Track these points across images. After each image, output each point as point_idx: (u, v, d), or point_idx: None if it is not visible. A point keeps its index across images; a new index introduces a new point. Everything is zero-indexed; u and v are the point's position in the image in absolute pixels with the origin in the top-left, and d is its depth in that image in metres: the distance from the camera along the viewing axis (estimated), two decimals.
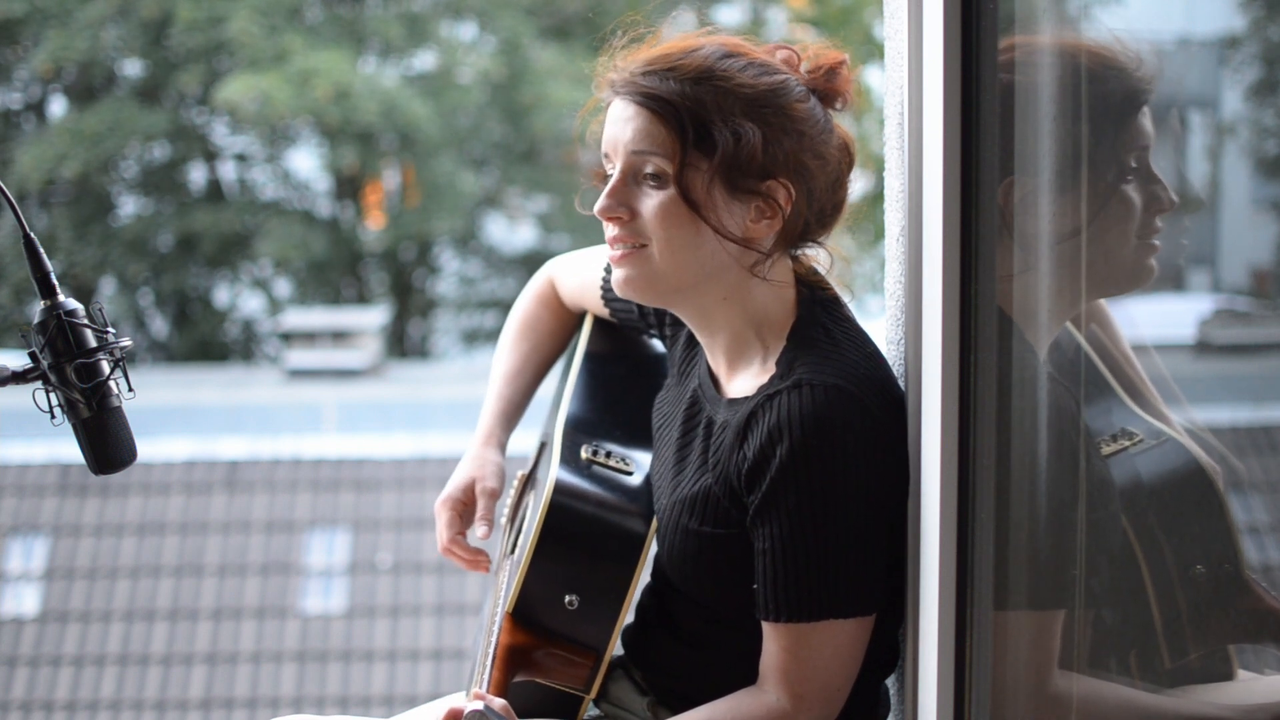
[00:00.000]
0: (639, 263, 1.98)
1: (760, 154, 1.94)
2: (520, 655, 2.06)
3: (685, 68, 1.96)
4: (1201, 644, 1.81)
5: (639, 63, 1.99)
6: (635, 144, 1.96)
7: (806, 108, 1.98)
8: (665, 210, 1.95)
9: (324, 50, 16.35)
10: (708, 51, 1.98)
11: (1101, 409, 1.88)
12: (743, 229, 1.96)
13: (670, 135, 1.94)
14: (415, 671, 10.02)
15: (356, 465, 11.03)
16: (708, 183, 1.94)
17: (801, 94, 1.99)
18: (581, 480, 2.11)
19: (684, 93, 1.95)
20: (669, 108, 1.94)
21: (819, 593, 1.92)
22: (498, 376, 2.37)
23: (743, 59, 1.98)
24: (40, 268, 1.89)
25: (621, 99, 1.98)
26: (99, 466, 1.90)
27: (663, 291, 2.00)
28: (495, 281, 18.96)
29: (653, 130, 1.95)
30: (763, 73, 1.98)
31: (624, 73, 1.99)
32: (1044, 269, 1.84)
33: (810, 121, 1.98)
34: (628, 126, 1.97)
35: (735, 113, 1.94)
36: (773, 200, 1.96)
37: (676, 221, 1.95)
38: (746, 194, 1.95)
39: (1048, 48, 1.85)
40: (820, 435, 1.89)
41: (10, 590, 10.40)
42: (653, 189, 1.96)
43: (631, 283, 1.99)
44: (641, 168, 1.96)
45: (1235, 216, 1.82)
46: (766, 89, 1.96)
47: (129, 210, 18.36)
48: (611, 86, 2.00)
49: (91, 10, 16.67)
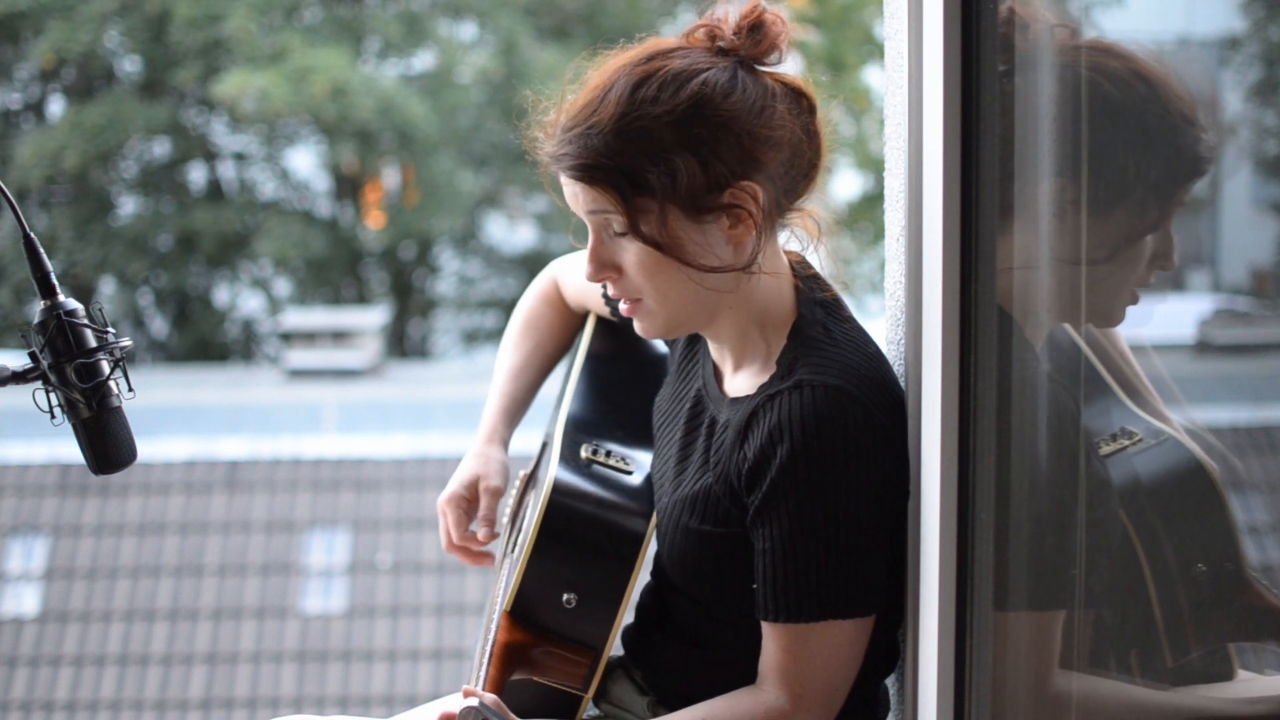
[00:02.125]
0: (645, 315, 2.00)
1: (702, 176, 1.92)
2: (518, 654, 2.06)
3: (602, 121, 1.93)
4: (1203, 643, 1.81)
5: (559, 129, 1.97)
6: (588, 207, 1.97)
7: (735, 100, 1.93)
8: (642, 263, 1.95)
9: (322, 48, 16.34)
10: (618, 91, 1.93)
11: (1100, 408, 1.88)
12: (723, 243, 1.95)
13: (609, 193, 1.94)
14: (415, 671, 10.02)
15: (356, 465, 11.03)
16: (664, 221, 1.93)
17: (725, 86, 1.93)
18: (581, 479, 2.11)
19: (608, 148, 1.92)
20: (597, 172, 1.93)
21: (819, 593, 1.92)
22: (501, 374, 2.37)
23: (655, 81, 1.93)
24: (40, 267, 1.89)
25: (559, 172, 1.98)
26: (99, 466, 1.90)
27: (678, 330, 2.03)
28: (495, 281, 18.96)
29: (593, 194, 1.95)
30: (678, 88, 1.93)
31: (550, 144, 1.98)
32: (1046, 277, 1.84)
33: (743, 113, 1.93)
34: (575, 193, 1.97)
35: (664, 146, 1.91)
36: (738, 206, 1.94)
37: (656, 270, 1.95)
38: (709, 212, 1.94)
39: (1048, 48, 1.85)
40: (821, 436, 1.89)
41: (10, 590, 10.40)
42: (625, 241, 1.96)
43: (648, 332, 2.03)
44: (607, 225, 1.97)
45: (1235, 216, 1.82)
46: (686, 106, 1.92)
47: (129, 210, 18.35)
48: (547, 162, 1.99)
49: (93, 5, 16.66)
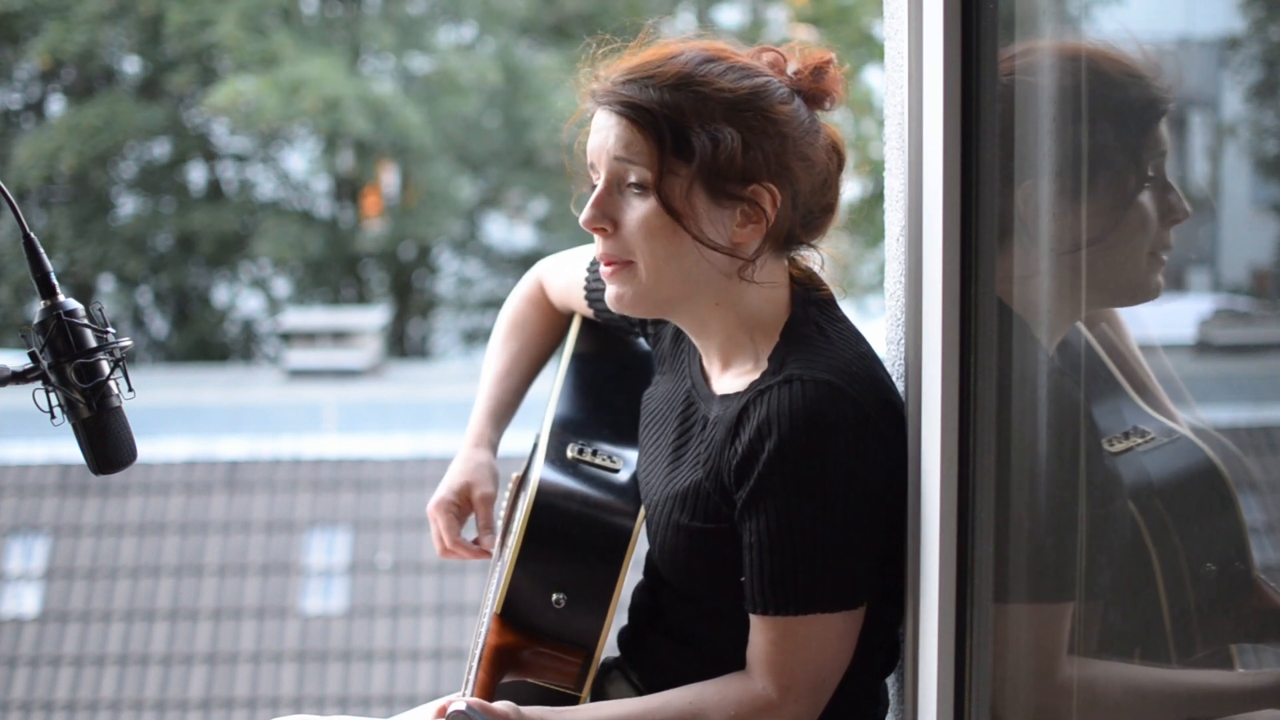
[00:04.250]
0: (627, 279, 1.99)
1: (740, 158, 1.94)
2: (508, 656, 2.06)
3: (664, 75, 1.96)
4: (1211, 642, 1.81)
5: (619, 72, 1.99)
6: (616, 152, 1.97)
7: (789, 110, 1.97)
8: (646, 222, 1.95)
9: (315, 57, 16.27)
10: (687, 57, 1.98)
11: (1110, 407, 1.88)
12: (728, 235, 1.96)
13: (649, 143, 1.95)
14: (415, 671, 10.02)
15: (356, 465, 11.04)
16: (687, 190, 1.94)
17: (784, 96, 1.98)
18: (567, 479, 2.11)
19: (662, 100, 1.95)
20: (646, 115, 1.95)
21: (806, 586, 1.92)
22: (487, 378, 2.37)
23: (723, 63, 1.98)
24: (40, 267, 1.89)
25: (602, 109, 1.99)
26: (99, 466, 1.90)
27: (654, 305, 2.01)
28: (495, 281, 18.96)
29: (632, 138, 1.96)
30: (743, 76, 1.97)
31: (604, 82, 2.00)
32: (1054, 274, 1.84)
33: (793, 124, 1.97)
34: (609, 135, 1.98)
35: (714, 118, 1.94)
36: (757, 205, 1.95)
37: (658, 233, 1.95)
38: (729, 199, 1.95)
39: (1056, 50, 1.85)
40: (810, 430, 1.90)
41: (10, 590, 10.41)
42: (636, 199, 1.96)
43: (622, 299, 2.00)
44: (624, 176, 1.97)
45: (1235, 216, 1.82)
46: (746, 92, 1.96)
47: (128, 209, 18.36)
48: (593, 96, 2.01)
49: (90, 6, 16.65)
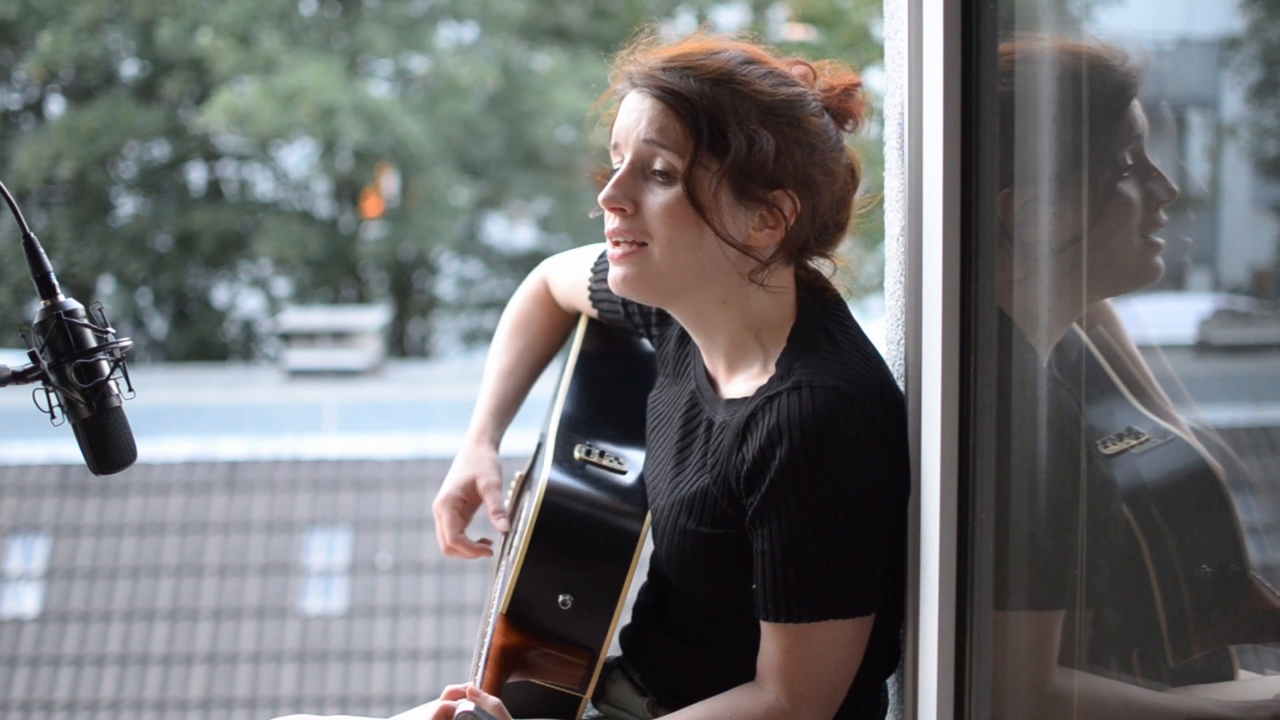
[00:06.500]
0: (638, 262, 1.98)
1: (771, 162, 1.94)
2: (514, 656, 2.06)
3: (706, 68, 1.96)
4: (1207, 644, 1.81)
5: (660, 58, 1.99)
6: (648, 135, 1.96)
7: (821, 123, 1.98)
8: (669, 208, 1.95)
9: (311, 62, 16.21)
10: (729, 55, 1.98)
11: (1106, 409, 1.88)
12: (745, 236, 1.96)
13: (684, 131, 1.94)
14: (415, 671, 10.01)
15: (356, 465, 11.03)
16: (715, 185, 1.94)
17: (816, 109, 1.99)
18: (574, 480, 2.11)
19: (702, 91, 1.95)
20: (685, 103, 1.95)
21: (818, 593, 1.92)
22: (491, 375, 2.37)
23: (763, 67, 1.99)
24: (40, 267, 1.89)
25: (638, 91, 1.98)
26: (99, 466, 1.90)
27: (660, 292, 2.00)
28: (495, 282, 18.96)
29: (667, 124, 1.95)
30: (781, 83, 1.98)
31: (644, 66, 1.99)
32: (1048, 273, 1.84)
33: (823, 137, 1.98)
34: (642, 117, 1.97)
35: (751, 118, 1.94)
36: (778, 210, 1.96)
37: (680, 221, 1.95)
38: (753, 201, 1.95)
39: (1041, 48, 1.85)
40: (820, 437, 1.89)
41: (10, 590, 10.40)
42: (659, 185, 1.96)
43: (629, 281, 1.99)
44: (651, 161, 1.96)
45: (1235, 216, 1.82)
46: (784, 99, 1.97)
47: (128, 210, 18.36)
48: (629, 78, 2.00)
49: (86, 10, 16.64)
